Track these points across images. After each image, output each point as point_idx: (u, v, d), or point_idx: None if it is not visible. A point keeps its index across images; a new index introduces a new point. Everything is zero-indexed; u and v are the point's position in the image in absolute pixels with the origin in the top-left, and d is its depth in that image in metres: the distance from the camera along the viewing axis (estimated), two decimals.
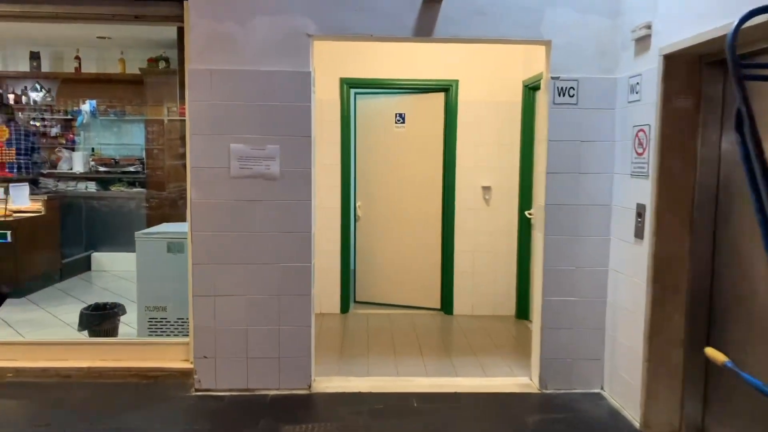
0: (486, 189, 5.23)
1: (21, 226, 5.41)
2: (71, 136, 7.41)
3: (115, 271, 6.72)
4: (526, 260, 5.09)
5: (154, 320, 4.00)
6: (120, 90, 7.11)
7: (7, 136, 5.11)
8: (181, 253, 3.85)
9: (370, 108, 5.55)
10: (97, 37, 6.39)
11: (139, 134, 7.16)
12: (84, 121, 7.26)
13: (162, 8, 3.53)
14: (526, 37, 3.41)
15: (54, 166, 7.15)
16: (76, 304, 5.05)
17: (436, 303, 5.44)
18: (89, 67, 7.17)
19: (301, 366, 3.49)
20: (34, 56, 6.98)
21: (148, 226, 5.18)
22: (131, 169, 6.89)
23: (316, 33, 3.35)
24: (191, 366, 3.51)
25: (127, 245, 4.62)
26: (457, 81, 5.14)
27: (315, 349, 3.59)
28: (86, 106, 7.25)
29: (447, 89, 5.18)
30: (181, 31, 3.61)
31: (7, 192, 5.24)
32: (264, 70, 3.34)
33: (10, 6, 3.48)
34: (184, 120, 3.49)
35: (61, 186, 6.79)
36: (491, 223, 5.28)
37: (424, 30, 3.36)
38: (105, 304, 4.17)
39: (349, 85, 5.20)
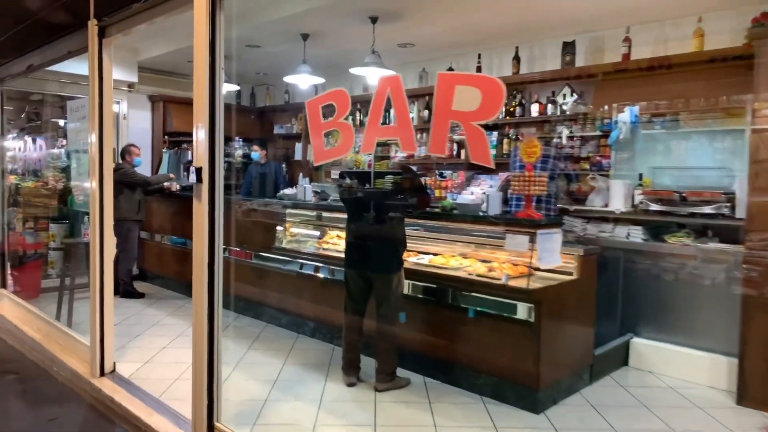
0: None
1: (547, 297, 3.31)
2: (600, 157, 5.21)
3: (658, 373, 4.06)
4: None
5: None
6: (689, 82, 4.44)
7: (538, 154, 3.06)
8: None
9: None
10: None
11: (722, 151, 4.31)
12: (620, 137, 4.90)
13: None
14: None
15: (577, 199, 5.09)
16: None
17: None
18: (641, 53, 4.79)
19: None
20: (568, 48, 5.08)
21: (749, 311, 2.24)
22: (707, 210, 4.06)
23: None
24: None
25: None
26: None
27: None
28: (625, 115, 4.87)
29: None
30: None
31: (532, 241, 3.22)
32: None
33: None
34: None
35: (590, 230, 4.58)
36: None
37: None
38: None
39: None
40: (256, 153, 7.12)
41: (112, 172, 3.93)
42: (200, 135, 2.79)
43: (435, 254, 4.21)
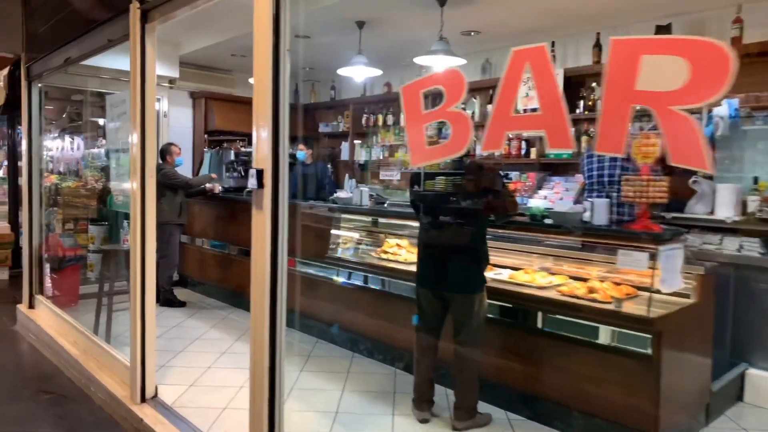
0: None
1: (670, 327, 2.74)
2: None
3: None
4: None
5: None
6: None
7: (657, 153, 2.50)
8: None
9: None
10: None
11: None
12: (716, 134, 4.27)
13: None
14: None
15: (670, 206, 4.46)
16: None
17: None
18: (752, 35, 4.16)
19: None
20: (662, 33, 4.47)
21: None
22: None
23: None
24: None
25: None
26: None
27: None
28: (722, 109, 4.24)
29: None
30: None
31: (655, 259, 2.65)
32: None
33: None
34: None
35: (691, 241, 3.95)
36: None
37: None
38: None
39: None
40: (302, 152, 6.67)
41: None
42: (262, 132, 2.32)
43: (512, 268, 3.68)
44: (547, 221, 3.18)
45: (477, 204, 2.86)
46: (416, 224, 4.42)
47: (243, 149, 7.16)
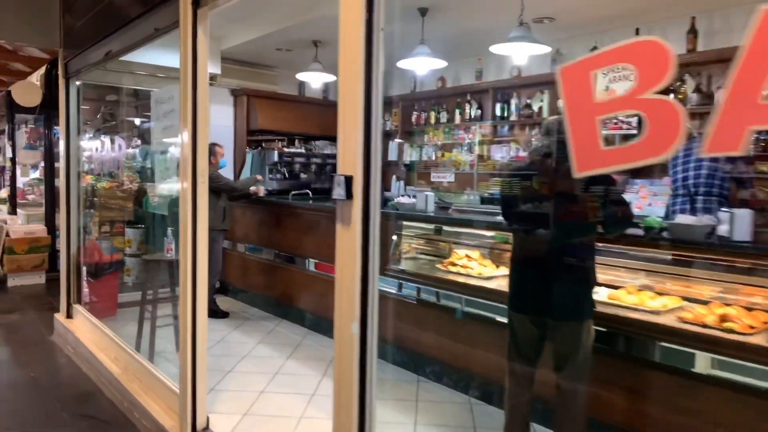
0: None
1: None
2: None
3: None
4: None
5: None
6: None
7: None
8: None
9: None
10: None
11: None
12: None
13: None
14: None
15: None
16: None
17: None
18: None
19: None
20: None
21: None
22: None
23: None
24: None
25: None
26: None
27: None
28: None
29: None
30: None
31: None
32: None
33: None
34: None
35: None
36: None
37: None
38: None
39: None
40: None
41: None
42: (350, 129, 1.90)
43: (610, 286, 3.19)
44: (664, 233, 2.68)
45: (593, 213, 2.39)
46: (489, 233, 3.98)
47: (286, 149, 6.80)
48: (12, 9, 5.07)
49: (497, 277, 3.68)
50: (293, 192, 5.84)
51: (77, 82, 5.26)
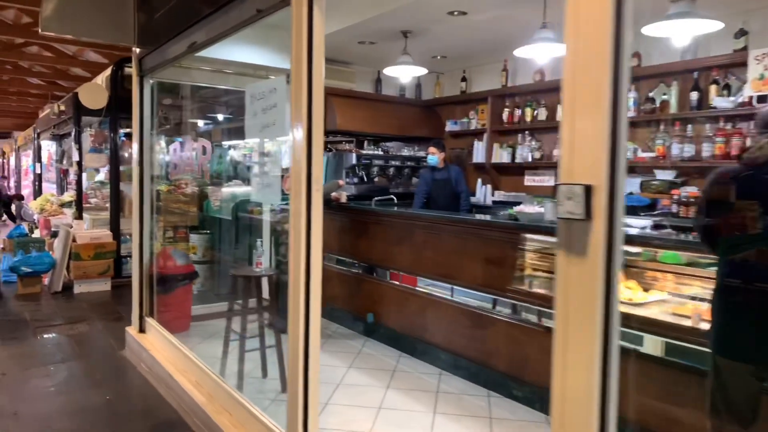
0: None
1: None
2: None
3: None
4: None
5: None
6: None
7: None
8: None
9: None
10: None
11: None
12: None
13: None
14: None
15: None
16: None
17: None
18: None
19: None
20: None
21: None
22: None
23: None
24: None
25: None
26: None
27: None
28: None
29: None
30: None
31: None
32: None
33: None
34: None
35: None
36: None
37: None
38: None
39: None
40: (434, 156, 5.72)
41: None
42: (586, 120, 1.34)
43: None
44: None
45: None
46: (638, 251, 3.36)
47: (363, 152, 6.31)
48: (86, 5, 4.79)
49: (649, 303, 3.07)
50: (376, 198, 5.34)
51: (151, 81, 4.90)
